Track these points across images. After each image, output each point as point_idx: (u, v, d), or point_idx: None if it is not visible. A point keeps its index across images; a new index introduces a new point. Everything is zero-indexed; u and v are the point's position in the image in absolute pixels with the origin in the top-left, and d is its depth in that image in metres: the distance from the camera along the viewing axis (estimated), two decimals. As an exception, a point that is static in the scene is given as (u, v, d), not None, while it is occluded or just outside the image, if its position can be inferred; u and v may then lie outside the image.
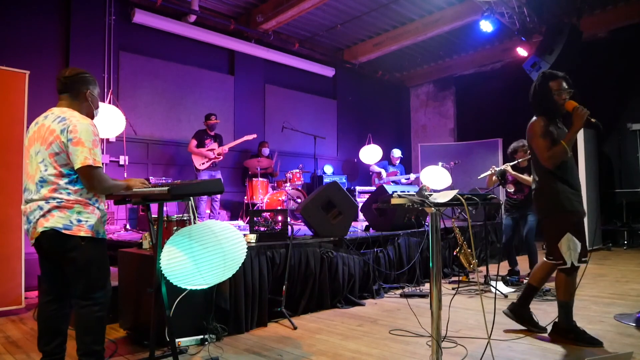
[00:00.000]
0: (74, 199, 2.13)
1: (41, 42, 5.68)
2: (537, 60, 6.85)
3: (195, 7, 6.89)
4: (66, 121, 2.13)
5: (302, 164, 7.60)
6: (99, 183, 2.14)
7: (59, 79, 2.27)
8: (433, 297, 2.22)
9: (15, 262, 3.77)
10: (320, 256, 3.87)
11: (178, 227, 3.11)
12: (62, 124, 2.12)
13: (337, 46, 9.48)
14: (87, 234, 2.13)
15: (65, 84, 2.26)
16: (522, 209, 4.84)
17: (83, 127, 2.13)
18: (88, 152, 2.09)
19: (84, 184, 2.15)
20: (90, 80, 2.33)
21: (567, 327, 2.83)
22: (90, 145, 2.11)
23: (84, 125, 2.14)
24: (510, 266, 5.04)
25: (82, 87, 2.28)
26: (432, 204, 2.15)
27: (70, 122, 2.12)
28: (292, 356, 2.73)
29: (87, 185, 2.15)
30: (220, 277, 2.35)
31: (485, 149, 8.98)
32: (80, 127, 2.12)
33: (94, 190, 2.20)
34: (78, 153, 2.08)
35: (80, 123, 2.14)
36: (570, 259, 2.77)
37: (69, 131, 2.10)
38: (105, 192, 2.24)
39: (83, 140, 2.10)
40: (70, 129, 2.11)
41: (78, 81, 2.27)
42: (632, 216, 7.51)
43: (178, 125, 7.06)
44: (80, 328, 2.15)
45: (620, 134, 7.86)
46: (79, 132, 2.10)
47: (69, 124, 2.12)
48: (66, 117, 2.15)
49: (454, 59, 10.16)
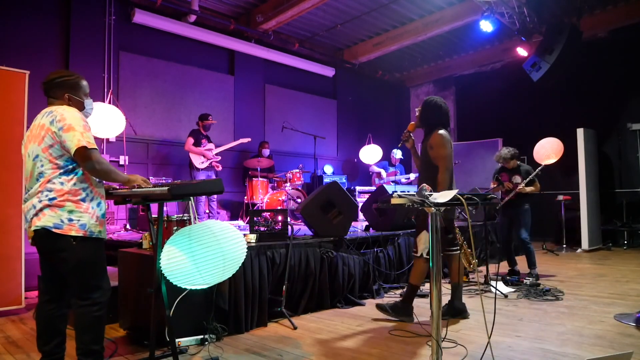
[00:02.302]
0: (67, 189, 2.12)
1: (41, 42, 5.68)
2: (537, 60, 6.85)
3: (195, 7, 6.89)
4: (53, 113, 2.16)
5: (302, 164, 7.60)
6: (98, 164, 2.13)
7: (42, 85, 2.30)
8: (433, 297, 2.22)
9: (15, 262, 3.77)
10: (320, 256, 3.87)
11: (178, 227, 3.10)
12: (51, 116, 2.15)
13: (337, 46, 9.48)
14: (78, 233, 2.12)
15: (45, 89, 2.29)
16: (516, 207, 4.87)
17: (70, 114, 2.15)
18: (80, 135, 2.10)
19: (84, 167, 2.16)
20: (70, 84, 2.30)
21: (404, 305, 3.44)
22: (81, 130, 2.12)
23: (71, 113, 2.17)
24: (510, 266, 5.05)
25: (59, 92, 2.28)
26: (432, 204, 2.15)
27: (57, 112, 2.15)
28: (292, 356, 2.72)
29: (86, 167, 2.15)
30: (220, 277, 2.35)
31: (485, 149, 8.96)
32: (68, 115, 2.15)
33: (95, 173, 2.18)
34: (71, 137, 2.09)
35: (66, 111, 2.17)
36: (421, 251, 3.34)
37: (58, 120, 2.12)
38: (106, 175, 2.20)
39: (73, 126, 2.12)
40: (59, 118, 2.13)
41: (55, 86, 2.28)
42: (632, 216, 7.51)
43: (178, 125, 7.06)
44: (79, 327, 2.15)
45: (620, 134, 7.87)
46: (67, 119, 2.13)
47: (56, 115, 2.15)
48: (53, 110, 2.19)
49: (454, 59, 10.16)
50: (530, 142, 7.26)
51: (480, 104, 9.73)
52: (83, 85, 2.36)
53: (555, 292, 4.14)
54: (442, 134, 3.33)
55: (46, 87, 2.28)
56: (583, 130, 7.27)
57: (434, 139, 3.35)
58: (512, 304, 3.89)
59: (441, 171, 3.29)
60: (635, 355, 2.41)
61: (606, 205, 7.76)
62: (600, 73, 7.95)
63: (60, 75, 2.30)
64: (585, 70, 7.76)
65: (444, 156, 3.29)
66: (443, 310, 3.34)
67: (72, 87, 2.30)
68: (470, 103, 10.17)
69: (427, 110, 3.47)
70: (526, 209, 4.83)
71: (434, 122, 3.43)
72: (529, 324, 3.26)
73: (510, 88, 9.06)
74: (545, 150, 7.28)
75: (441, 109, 3.44)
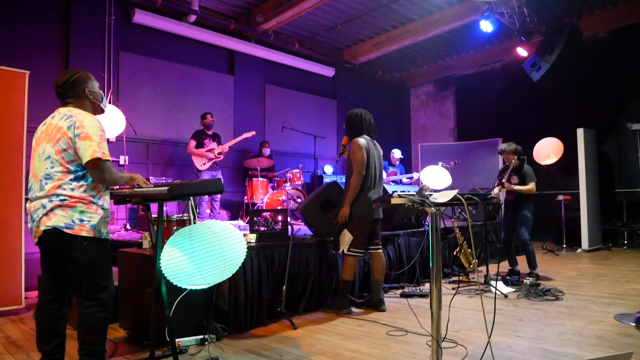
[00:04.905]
0: (78, 195, 2.13)
1: (41, 42, 5.68)
2: (537, 60, 6.85)
3: (195, 7, 6.89)
4: (73, 118, 2.16)
5: (302, 164, 7.59)
6: (109, 175, 2.16)
7: (55, 89, 2.29)
8: (433, 297, 2.22)
9: (15, 262, 3.77)
10: (320, 256, 3.87)
11: (178, 227, 3.11)
12: (69, 121, 2.15)
13: (337, 46, 9.48)
14: (89, 234, 2.13)
15: (62, 92, 2.28)
16: (516, 207, 4.86)
17: (90, 123, 2.16)
18: (97, 146, 2.11)
19: (94, 176, 2.17)
20: (85, 78, 2.31)
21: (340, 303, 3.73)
22: (98, 140, 2.13)
23: (91, 121, 2.18)
24: (510, 266, 5.05)
25: (79, 89, 2.28)
26: (432, 204, 2.15)
27: (77, 119, 2.15)
28: (292, 356, 2.73)
29: (96, 178, 2.17)
30: (220, 277, 2.35)
31: (485, 149, 8.97)
32: (87, 123, 2.15)
33: (104, 182, 2.21)
34: (86, 147, 2.10)
35: (86, 119, 2.17)
36: (342, 248, 3.68)
37: (76, 127, 2.12)
38: (114, 183, 2.26)
39: (91, 135, 2.12)
40: (77, 124, 2.13)
41: (73, 85, 2.27)
42: (632, 216, 7.51)
43: (178, 125, 7.06)
44: (83, 328, 2.15)
45: (620, 134, 7.86)
46: (86, 127, 2.13)
47: (75, 120, 2.14)
48: (73, 114, 2.18)
49: (454, 59, 10.16)
50: (530, 142, 7.28)
51: (480, 104, 9.73)
52: (93, 78, 2.37)
53: (555, 292, 4.14)
54: (358, 142, 3.68)
55: (62, 89, 2.27)
56: (583, 130, 7.27)
57: (351, 146, 3.72)
58: (512, 304, 3.89)
59: (353, 174, 3.64)
60: (635, 355, 2.41)
61: (606, 205, 7.76)
62: (600, 73, 7.95)
63: (72, 74, 2.30)
64: (585, 70, 7.76)
65: (356, 161, 3.63)
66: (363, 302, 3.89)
67: (86, 81, 2.31)
68: (470, 103, 10.17)
69: (348, 124, 3.87)
70: (527, 210, 4.81)
71: (355, 133, 3.80)
72: (529, 324, 3.26)
73: (510, 88, 9.06)
74: (545, 150, 7.30)
75: (361, 119, 3.80)
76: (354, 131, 3.81)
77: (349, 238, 3.64)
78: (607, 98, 7.96)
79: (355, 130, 3.80)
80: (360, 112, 3.82)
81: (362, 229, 3.67)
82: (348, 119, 3.86)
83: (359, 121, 3.79)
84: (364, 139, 3.70)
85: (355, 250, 3.68)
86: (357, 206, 3.64)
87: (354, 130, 3.81)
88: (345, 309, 3.71)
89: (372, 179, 3.71)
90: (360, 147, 3.64)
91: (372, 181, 3.71)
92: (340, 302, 3.73)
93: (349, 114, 3.87)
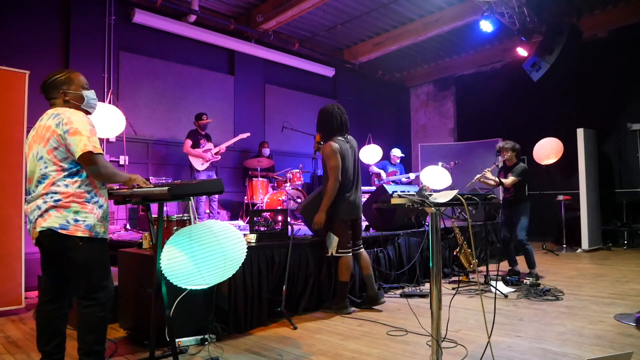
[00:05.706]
0: (72, 191, 2.12)
1: (41, 42, 5.68)
2: (537, 60, 6.85)
3: (195, 7, 6.89)
4: (60, 116, 2.16)
5: (302, 164, 7.59)
6: (103, 168, 2.15)
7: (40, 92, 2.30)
8: (433, 297, 2.22)
9: (15, 262, 3.77)
10: (320, 256, 3.87)
11: (178, 227, 3.10)
12: (57, 119, 2.15)
13: (337, 46, 9.48)
14: (84, 234, 2.12)
15: (44, 93, 2.30)
16: (512, 207, 4.86)
17: (77, 118, 2.16)
18: (87, 140, 2.11)
19: (89, 172, 2.16)
20: (63, 80, 2.28)
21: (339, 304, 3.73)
22: (87, 134, 2.12)
23: (78, 117, 2.17)
24: (510, 266, 5.05)
25: (55, 92, 2.27)
26: (432, 204, 2.15)
27: (64, 116, 2.15)
28: (292, 356, 2.73)
29: (92, 173, 2.16)
30: (220, 277, 2.35)
31: (485, 149, 8.97)
32: (75, 119, 2.15)
33: (100, 177, 2.20)
34: (77, 142, 2.09)
35: (74, 115, 2.17)
36: (330, 251, 3.66)
37: (64, 123, 2.12)
38: (110, 178, 2.23)
39: (80, 130, 2.12)
40: (65, 121, 2.13)
41: (50, 87, 2.27)
42: (632, 216, 7.51)
43: (178, 125, 7.06)
44: (83, 328, 2.15)
45: (620, 134, 7.87)
46: (74, 123, 2.13)
47: (63, 117, 2.14)
48: (59, 112, 2.19)
49: (454, 59, 10.16)
50: (530, 142, 7.28)
51: (480, 104, 9.73)
52: (77, 79, 2.32)
53: (555, 292, 4.14)
54: (331, 146, 3.59)
55: (43, 91, 2.29)
56: (583, 130, 7.27)
57: (324, 151, 3.65)
58: (512, 304, 3.89)
59: (330, 180, 3.59)
60: (635, 355, 2.41)
61: (606, 205, 7.76)
62: (600, 73, 7.95)
63: (51, 76, 2.30)
64: (585, 70, 7.76)
65: (331, 167, 3.58)
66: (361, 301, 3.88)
67: (64, 82, 2.28)
68: (470, 103, 10.18)
69: (319, 121, 3.78)
70: (524, 209, 4.79)
71: (327, 132, 3.73)
72: (529, 324, 3.26)
73: (510, 88, 9.06)
74: (545, 150, 7.30)
75: (332, 116, 3.70)
76: (324, 129, 3.77)
77: (335, 240, 3.65)
78: (607, 98, 7.97)
79: (325, 128, 3.76)
80: (331, 109, 3.74)
81: (344, 229, 3.67)
82: (319, 116, 3.80)
83: (328, 118, 3.72)
84: (336, 142, 3.63)
85: (344, 250, 3.68)
86: (337, 208, 3.65)
87: (324, 128, 3.76)
88: (345, 309, 3.71)
89: (350, 180, 3.71)
90: (334, 152, 3.58)
91: (349, 182, 3.70)
92: (340, 303, 3.73)
93: (321, 110, 3.80)
